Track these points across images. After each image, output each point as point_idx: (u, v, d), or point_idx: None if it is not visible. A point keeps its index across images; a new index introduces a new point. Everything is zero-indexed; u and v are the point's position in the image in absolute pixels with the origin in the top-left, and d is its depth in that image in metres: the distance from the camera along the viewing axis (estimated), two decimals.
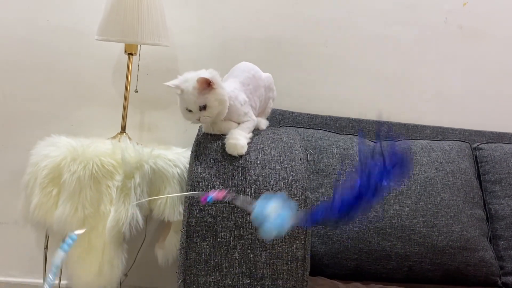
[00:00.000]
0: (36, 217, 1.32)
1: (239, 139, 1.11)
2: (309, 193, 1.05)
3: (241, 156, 1.09)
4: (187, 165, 1.39)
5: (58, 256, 0.77)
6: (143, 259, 1.58)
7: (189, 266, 0.98)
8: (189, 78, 1.10)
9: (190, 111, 1.11)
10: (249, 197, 0.93)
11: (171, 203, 1.35)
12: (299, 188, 1.04)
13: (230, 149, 1.10)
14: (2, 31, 1.62)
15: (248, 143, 1.13)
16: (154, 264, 1.46)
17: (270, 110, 1.39)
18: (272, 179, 1.04)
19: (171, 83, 1.10)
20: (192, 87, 1.08)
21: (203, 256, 0.98)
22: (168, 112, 1.70)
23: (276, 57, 1.71)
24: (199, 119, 1.11)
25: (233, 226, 0.99)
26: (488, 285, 1.43)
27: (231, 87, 1.18)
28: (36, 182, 1.33)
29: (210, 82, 1.07)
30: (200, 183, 1.03)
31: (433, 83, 1.78)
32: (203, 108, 1.09)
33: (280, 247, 0.99)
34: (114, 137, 1.52)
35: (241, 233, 0.99)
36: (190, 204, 1.00)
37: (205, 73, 1.08)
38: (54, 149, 1.35)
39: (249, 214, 0.72)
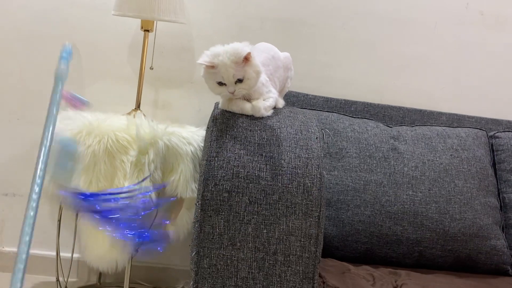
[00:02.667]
0: (50, 190, 1.33)
1: (262, 102, 1.15)
2: (324, 172, 1.05)
3: (262, 123, 1.10)
4: (201, 144, 1.40)
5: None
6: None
7: (203, 239, 0.99)
8: (220, 52, 1.09)
9: (222, 84, 1.11)
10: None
11: (184, 180, 1.36)
12: (315, 167, 1.04)
13: (254, 110, 1.13)
14: (19, 5, 1.62)
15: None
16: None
17: (287, 90, 1.38)
18: (287, 156, 1.04)
19: (203, 60, 1.10)
20: (231, 60, 1.07)
21: (217, 229, 0.99)
22: (182, 91, 1.70)
23: (292, 38, 1.69)
24: (233, 92, 1.11)
25: (248, 201, 0.99)
26: (499, 273, 1.42)
27: None
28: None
29: (249, 55, 1.08)
30: (216, 158, 1.03)
31: (451, 69, 1.75)
32: (239, 81, 1.09)
33: (294, 223, 0.99)
34: (128, 114, 1.52)
35: (255, 209, 0.99)
36: (206, 179, 1.00)
37: (246, 47, 1.09)
38: (70, 122, 1.36)
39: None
